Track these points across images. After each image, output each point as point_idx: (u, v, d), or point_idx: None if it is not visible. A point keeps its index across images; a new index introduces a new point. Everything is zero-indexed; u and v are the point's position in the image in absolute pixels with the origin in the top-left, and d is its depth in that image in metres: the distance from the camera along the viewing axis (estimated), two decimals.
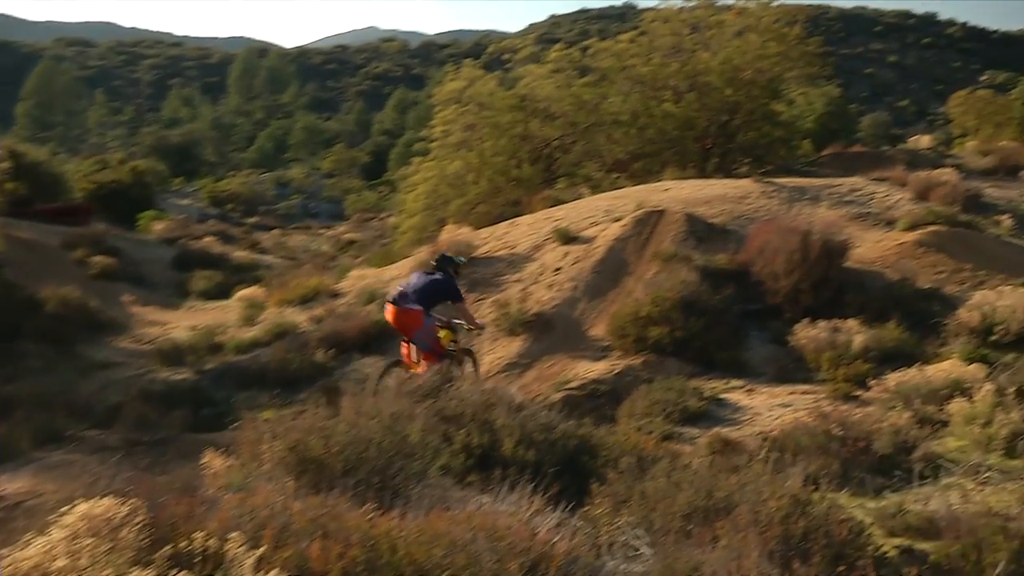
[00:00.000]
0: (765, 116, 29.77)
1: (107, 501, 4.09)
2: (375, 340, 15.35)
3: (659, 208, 17.41)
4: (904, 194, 19.77)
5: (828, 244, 14.13)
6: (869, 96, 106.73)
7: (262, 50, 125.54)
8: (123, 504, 4.09)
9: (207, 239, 33.46)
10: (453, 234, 19.59)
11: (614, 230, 16.85)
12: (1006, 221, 18.21)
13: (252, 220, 49.80)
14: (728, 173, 27.32)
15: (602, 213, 18.69)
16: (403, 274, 18.36)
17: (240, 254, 32.21)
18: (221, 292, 23.83)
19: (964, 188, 19.81)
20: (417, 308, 9.61)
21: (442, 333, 10.03)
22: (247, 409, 10.83)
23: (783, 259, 13.91)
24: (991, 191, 21.47)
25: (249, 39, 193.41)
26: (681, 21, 31.26)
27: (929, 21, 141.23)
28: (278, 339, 16.11)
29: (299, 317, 17.18)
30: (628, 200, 19.29)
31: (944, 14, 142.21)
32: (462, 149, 29.63)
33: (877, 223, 17.96)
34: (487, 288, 16.53)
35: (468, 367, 10.55)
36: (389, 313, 9.89)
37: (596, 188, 26.86)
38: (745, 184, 20.75)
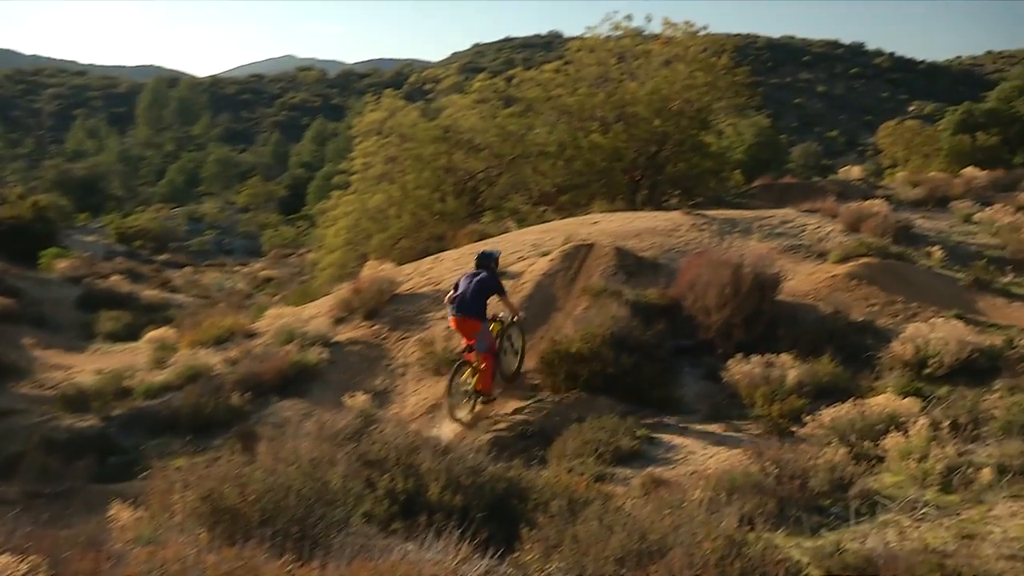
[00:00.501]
0: (694, 147, 30.25)
1: (5, 558, 3.98)
2: (293, 382, 15.19)
3: (588, 242, 17.54)
4: (835, 226, 20.20)
5: (760, 277, 14.33)
6: (799, 126, 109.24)
7: (172, 79, 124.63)
8: (23, 561, 3.98)
9: (114, 278, 32.82)
10: (375, 270, 19.51)
11: (542, 265, 16.93)
12: (937, 252, 18.68)
13: (162, 257, 48.97)
14: (658, 205, 27.68)
15: (529, 247, 18.77)
16: (323, 311, 18.25)
17: (150, 293, 31.65)
18: (130, 333, 23.32)
19: (895, 219, 20.31)
20: (476, 317, 12.17)
21: (492, 326, 12.75)
22: (157, 457, 10.58)
23: (715, 293, 14.08)
24: (921, 222, 22.04)
25: (158, 68, 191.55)
26: (607, 51, 31.67)
27: (857, 51, 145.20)
28: (191, 382, 15.82)
29: (213, 359, 16.91)
30: (556, 234, 19.41)
31: (871, 44, 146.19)
32: (383, 182, 29.60)
33: (809, 255, 18.32)
34: (411, 326, 16.46)
35: (518, 341, 13.41)
36: (452, 322, 12.51)
37: (523, 222, 27.00)
38: (675, 216, 21.02)
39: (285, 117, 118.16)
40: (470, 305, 12.13)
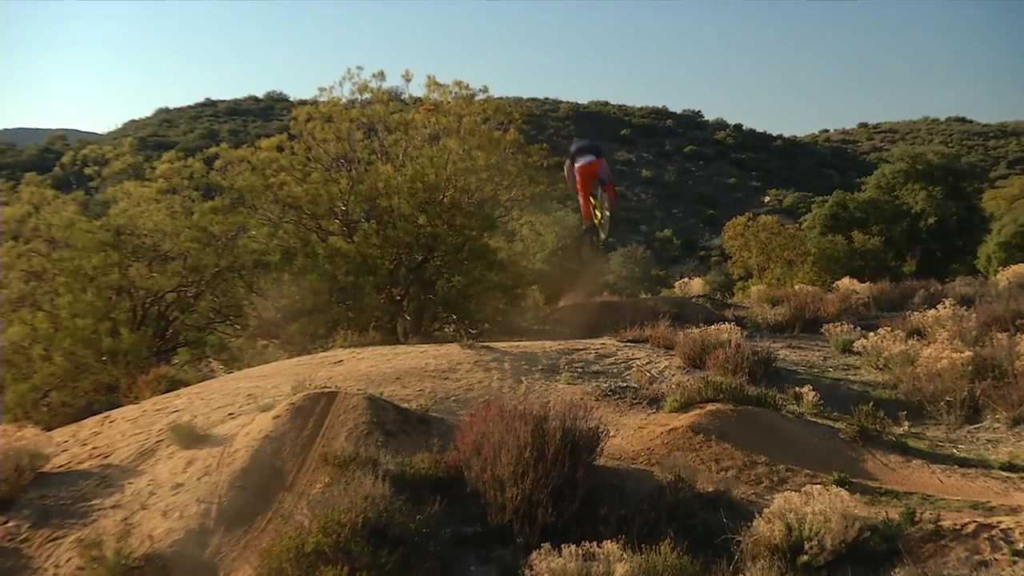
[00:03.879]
0: (476, 254, 30.73)
1: None
2: None
3: (329, 390, 17.49)
4: (671, 360, 20.84)
5: (572, 435, 14.54)
6: (619, 223, 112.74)
7: None
8: None
9: None
10: (11, 439, 18.80)
11: (262, 424, 16.74)
12: (808, 395, 19.24)
13: None
14: (427, 336, 27.91)
15: (244, 399, 18.56)
16: None
17: None
18: None
19: (751, 350, 20.99)
20: (595, 159, 21.09)
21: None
22: None
23: (510, 458, 14.21)
24: (787, 353, 23.01)
25: None
26: (351, 121, 31.94)
27: (692, 122, 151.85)
28: None
29: None
30: (282, 379, 19.28)
31: (710, 112, 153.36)
32: (23, 308, 28.76)
33: (637, 402, 18.77)
34: (67, 520, 15.84)
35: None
36: (581, 172, 21.25)
37: (234, 362, 26.74)
38: (452, 351, 21.24)
39: None
40: (595, 150, 21.42)
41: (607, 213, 21.63)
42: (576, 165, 21.45)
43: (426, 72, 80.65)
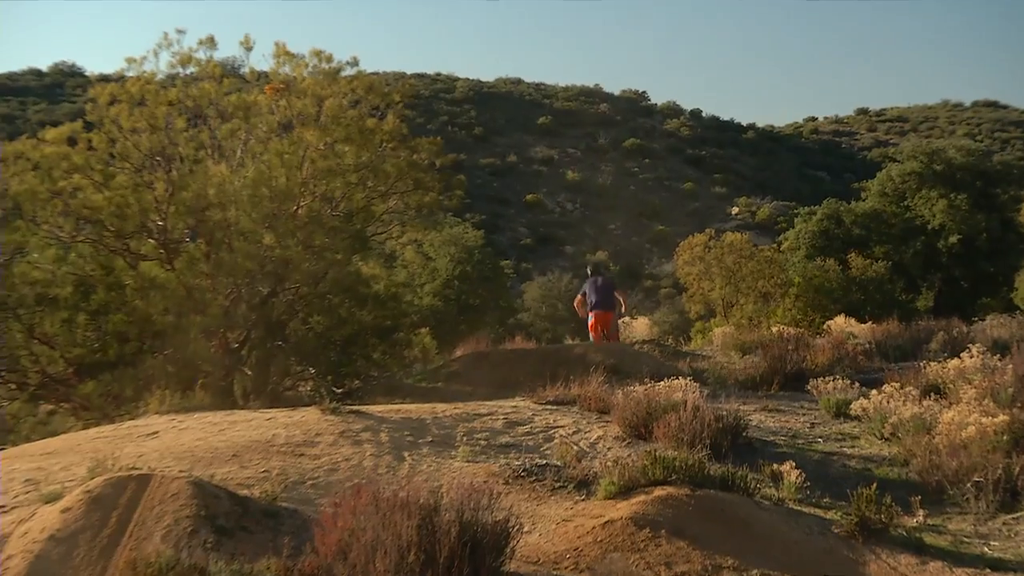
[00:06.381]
0: (342, 285, 30.60)
1: None
2: None
3: (139, 472, 17.34)
4: (607, 428, 20.88)
5: (471, 531, 14.54)
6: (536, 243, 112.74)
7: None
8: None
9: None
10: None
11: (47, 520, 16.56)
12: (791, 474, 19.15)
13: None
14: (276, 397, 27.74)
15: (21, 486, 18.34)
16: None
17: None
18: None
19: (714, 415, 20.92)
20: (612, 310, 32.98)
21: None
22: None
23: (388, 564, 14.17)
24: (761, 418, 23.05)
25: None
26: (170, 104, 31.52)
27: (635, 107, 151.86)
28: None
29: None
30: (76, 457, 19.09)
31: (658, 95, 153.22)
32: None
33: (561, 485, 18.75)
34: None
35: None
36: (595, 317, 32.48)
37: (7, 435, 26.43)
38: (309, 419, 21.15)
39: None
40: (608, 303, 31.94)
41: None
42: (592, 312, 32.27)
43: (274, 39, 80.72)
